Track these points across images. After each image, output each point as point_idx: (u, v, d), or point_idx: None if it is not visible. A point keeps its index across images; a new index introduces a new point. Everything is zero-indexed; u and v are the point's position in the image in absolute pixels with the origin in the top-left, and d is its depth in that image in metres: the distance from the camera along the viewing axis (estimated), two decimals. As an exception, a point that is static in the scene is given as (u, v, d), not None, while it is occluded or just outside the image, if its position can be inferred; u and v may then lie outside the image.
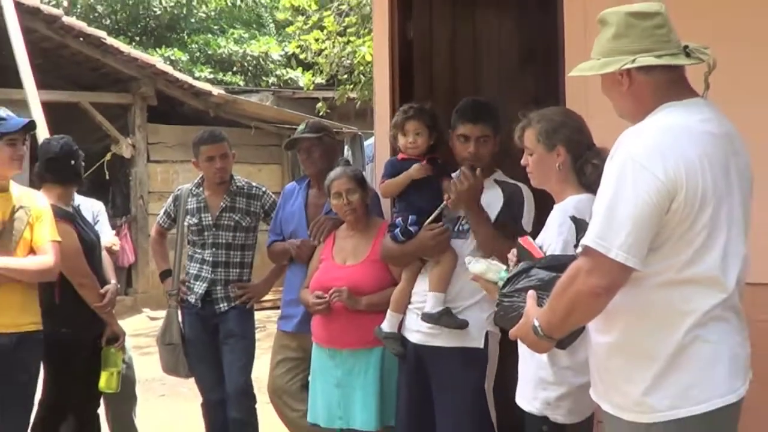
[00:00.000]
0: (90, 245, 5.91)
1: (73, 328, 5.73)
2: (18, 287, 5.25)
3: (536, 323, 3.17)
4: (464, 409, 4.99)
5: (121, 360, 6.05)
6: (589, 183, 3.95)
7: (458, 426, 5.00)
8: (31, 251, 5.33)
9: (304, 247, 5.98)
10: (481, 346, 4.98)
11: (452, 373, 5.01)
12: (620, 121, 3.29)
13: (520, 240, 3.79)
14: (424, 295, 5.10)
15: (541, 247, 3.81)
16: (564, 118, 4.15)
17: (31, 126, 5.43)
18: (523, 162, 4.19)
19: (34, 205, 5.40)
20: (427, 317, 4.99)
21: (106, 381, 5.91)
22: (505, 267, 3.75)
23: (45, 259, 5.33)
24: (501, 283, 3.63)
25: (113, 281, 6.12)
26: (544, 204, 4.28)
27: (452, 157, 5.20)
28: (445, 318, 4.95)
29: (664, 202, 2.92)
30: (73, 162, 5.95)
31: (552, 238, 3.92)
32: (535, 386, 4.15)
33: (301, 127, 6.42)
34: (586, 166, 3.99)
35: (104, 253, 6.35)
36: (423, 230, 5.02)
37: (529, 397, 4.19)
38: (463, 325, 4.93)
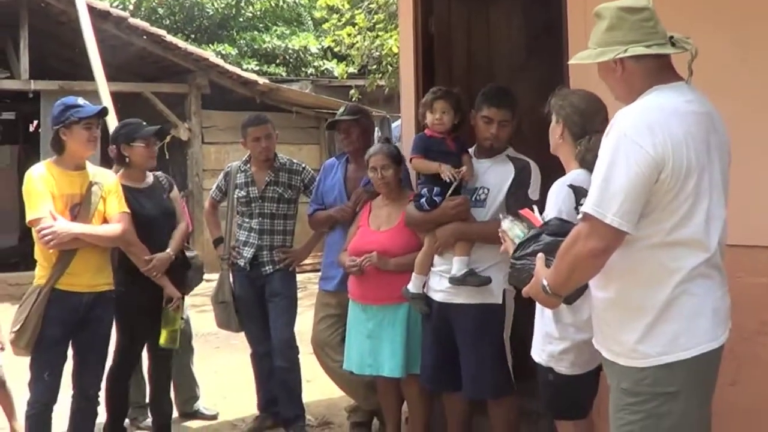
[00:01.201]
0: (143, 218, 5.80)
1: (127, 287, 5.73)
2: (94, 252, 5.33)
3: (544, 282, 3.18)
4: (486, 357, 5.04)
5: (178, 320, 5.99)
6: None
7: (481, 372, 5.05)
8: (104, 221, 5.39)
9: (346, 210, 6.03)
10: (500, 301, 5.02)
11: (475, 326, 5.05)
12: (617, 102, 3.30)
13: (521, 212, 3.78)
14: (446, 258, 5.13)
15: (544, 218, 3.79)
16: (576, 99, 4.10)
17: (104, 112, 5.50)
18: None
19: (106, 181, 5.47)
20: (454, 280, 5.01)
21: (164, 338, 5.89)
22: (525, 228, 3.73)
23: (116, 227, 5.40)
24: (517, 241, 3.63)
25: (168, 250, 5.93)
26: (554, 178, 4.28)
27: (471, 136, 5.25)
28: (470, 278, 4.97)
29: (653, 173, 2.93)
30: (110, 145, 6.08)
31: (550, 207, 3.94)
32: (542, 340, 4.17)
33: (341, 110, 6.44)
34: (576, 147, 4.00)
35: (181, 225, 6.22)
36: (445, 201, 5.04)
37: (538, 350, 4.21)
38: (486, 281, 4.95)
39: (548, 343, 4.12)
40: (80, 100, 5.40)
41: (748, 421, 4.24)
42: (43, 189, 5.17)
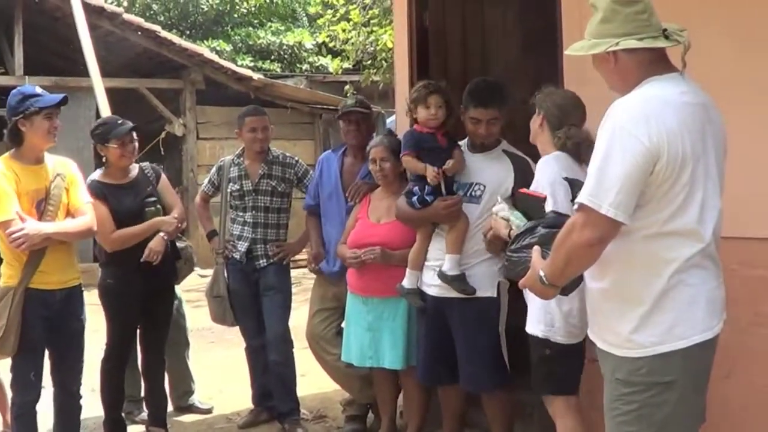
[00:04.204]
0: (122, 214, 5.76)
1: (115, 280, 5.81)
2: (61, 248, 5.20)
3: (541, 273, 3.17)
4: (482, 350, 5.04)
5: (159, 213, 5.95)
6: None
7: (477, 365, 5.06)
8: (68, 214, 5.24)
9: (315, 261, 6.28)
10: (495, 295, 5.01)
11: (471, 319, 5.05)
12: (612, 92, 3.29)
13: (521, 191, 3.87)
14: (439, 254, 5.11)
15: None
16: (557, 97, 4.46)
17: (64, 101, 5.25)
18: None
19: (68, 171, 5.30)
20: (442, 277, 5.00)
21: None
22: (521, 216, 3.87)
23: (85, 219, 5.26)
24: (518, 222, 3.81)
25: (161, 233, 5.84)
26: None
27: (460, 130, 5.23)
28: (457, 283, 4.97)
29: (648, 164, 2.93)
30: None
31: (539, 182, 4.21)
32: (538, 312, 4.26)
33: (351, 101, 6.35)
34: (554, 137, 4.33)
35: (175, 211, 6.05)
36: (438, 200, 5.01)
37: (534, 323, 4.29)
38: (471, 292, 4.96)
39: (547, 313, 4.19)
40: (38, 89, 5.20)
41: (743, 413, 4.25)
42: (7, 188, 4.97)
